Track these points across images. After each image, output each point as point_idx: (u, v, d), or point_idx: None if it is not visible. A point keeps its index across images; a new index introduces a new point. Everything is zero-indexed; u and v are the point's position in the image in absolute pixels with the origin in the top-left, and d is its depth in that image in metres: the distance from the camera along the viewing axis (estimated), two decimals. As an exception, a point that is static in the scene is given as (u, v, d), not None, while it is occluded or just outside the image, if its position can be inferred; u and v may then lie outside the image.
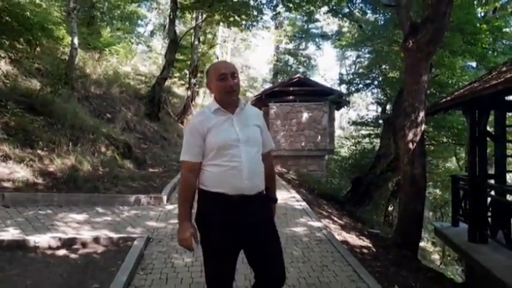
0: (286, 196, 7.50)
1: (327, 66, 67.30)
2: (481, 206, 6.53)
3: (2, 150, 6.04)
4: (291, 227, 5.51)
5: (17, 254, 3.85)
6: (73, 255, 4.00)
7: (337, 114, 31.17)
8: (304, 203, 6.88)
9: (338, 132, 29.76)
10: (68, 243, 4.19)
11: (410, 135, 7.18)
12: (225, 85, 2.12)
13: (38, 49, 11.10)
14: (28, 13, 8.73)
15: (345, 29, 25.27)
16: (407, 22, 7.17)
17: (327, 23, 28.92)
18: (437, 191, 19.09)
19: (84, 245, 4.26)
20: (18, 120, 6.91)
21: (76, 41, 11.62)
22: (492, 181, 7.27)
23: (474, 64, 13.34)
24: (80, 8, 13.66)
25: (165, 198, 6.67)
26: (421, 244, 18.99)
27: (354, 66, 25.04)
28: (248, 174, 2.10)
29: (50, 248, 4.07)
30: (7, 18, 8.54)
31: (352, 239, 6.24)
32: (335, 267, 4.05)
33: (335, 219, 7.41)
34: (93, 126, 9.18)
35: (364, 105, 30.96)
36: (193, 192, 2.17)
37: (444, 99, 7.28)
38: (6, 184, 5.59)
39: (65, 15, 13.13)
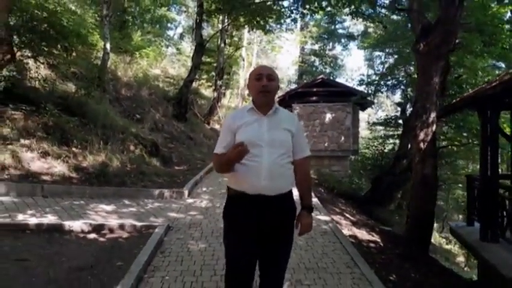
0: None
1: (355, 66, 66.77)
2: (492, 205, 6.66)
3: (42, 148, 6.73)
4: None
5: (54, 236, 4.45)
6: (101, 239, 4.57)
7: (364, 114, 31.05)
8: (315, 200, 7.22)
9: (366, 133, 29.53)
10: (97, 229, 4.77)
11: (421, 135, 7.39)
12: (259, 84, 2.22)
13: (73, 54, 11.92)
14: (65, 21, 9.48)
15: (370, 29, 25.24)
16: (419, 25, 7.39)
17: (354, 23, 28.86)
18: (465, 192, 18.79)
19: (111, 230, 4.83)
20: (55, 120, 7.61)
21: (108, 46, 12.40)
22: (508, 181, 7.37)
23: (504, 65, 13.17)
24: (112, 14, 14.46)
25: (186, 192, 7.21)
26: (447, 247, 18.81)
27: (381, 67, 25.02)
28: (267, 175, 2.14)
29: (82, 231, 4.66)
30: (46, 26, 9.32)
31: (361, 234, 6.54)
32: (334, 255, 4.41)
33: (347, 215, 7.72)
34: (123, 126, 9.85)
35: (393, 105, 30.67)
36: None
37: (454, 100, 7.44)
38: (45, 177, 6.26)
39: (99, 20, 13.98)
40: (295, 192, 2.33)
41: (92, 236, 4.61)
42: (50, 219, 4.89)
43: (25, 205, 5.35)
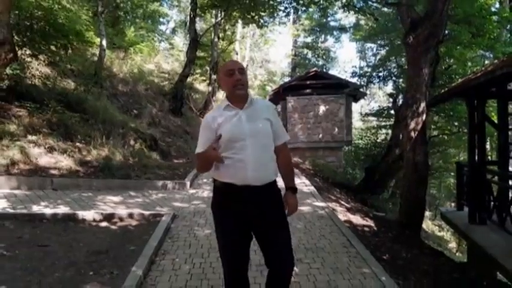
0: (296, 182, 8.09)
1: (347, 58, 67.08)
2: (479, 190, 7.02)
3: (48, 143, 6.99)
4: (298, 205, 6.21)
5: (69, 224, 4.74)
6: (113, 227, 4.86)
7: (357, 106, 31.39)
8: (312, 188, 7.58)
9: (359, 124, 29.91)
10: (108, 218, 5.06)
11: (412, 125, 7.72)
12: (233, 79, 2.25)
13: (69, 51, 12.10)
14: (61, 19, 9.66)
15: (362, 22, 25.50)
16: (408, 19, 7.69)
17: (346, 15, 29.08)
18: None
19: (121, 219, 5.12)
20: (59, 116, 7.85)
21: (104, 42, 12.58)
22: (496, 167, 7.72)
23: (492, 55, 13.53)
24: (106, 10, 14.59)
25: (188, 183, 7.50)
26: (440, 234, 19.31)
27: (373, 58, 25.32)
28: (254, 166, 2.20)
29: (94, 220, 4.96)
30: (44, 25, 9.51)
31: (356, 219, 6.89)
32: (331, 237, 4.75)
33: (342, 202, 8.07)
34: (122, 121, 10.10)
35: (385, 96, 31.05)
36: None
37: (443, 91, 7.77)
38: (53, 171, 6.53)
39: (92, 16, 14.09)
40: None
41: (104, 224, 4.91)
42: (63, 209, 5.18)
43: (37, 197, 5.64)
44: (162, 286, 3.42)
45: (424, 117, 7.75)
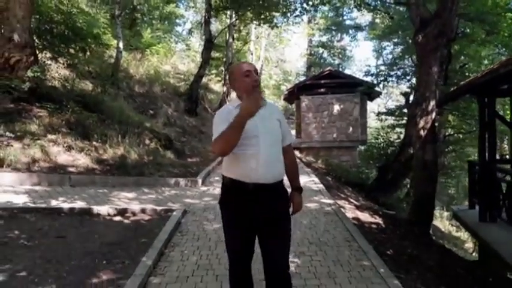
0: (306, 180, 8.35)
1: (364, 57, 66.48)
2: (489, 188, 7.02)
3: (66, 142, 7.32)
4: (305, 202, 6.26)
5: (85, 218, 5.01)
6: (126, 221, 5.11)
7: (374, 105, 31.14)
8: (321, 185, 7.70)
9: (377, 123, 29.70)
10: (122, 212, 5.31)
11: (421, 123, 7.75)
12: (251, 80, 2.29)
13: (87, 54, 12.52)
14: (80, 23, 10.06)
15: (378, 20, 25.36)
16: (417, 18, 7.73)
17: (361, 13, 28.94)
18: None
19: (134, 214, 5.37)
20: (77, 117, 8.19)
21: (121, 44, 12.96)
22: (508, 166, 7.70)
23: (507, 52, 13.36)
24: (122, 12, 15.01)
25: (200, 181, 7.73)
26: (457, 234, 19.07)
27: (390, 57, 25.13)
28: (264, 163, 2.23)
29: (108, 215, 5.22)
30: (64, 29, 9.91)
31: (364, 216, 6.97)
32: (335, 232, 4.88)
33: (351, 200, 8.16)
34: (138, 121, 10.41)
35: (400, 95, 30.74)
36: None
37: (452, 89, 7.78)
38: (71, 169, 6.85)
39: (109, 19, 14.52)
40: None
41: (118, 218, 5.16)
42: (79, 204, 5.46)
43: (56, 193, 5.95)
44: (170, 275, 3.63)
45: (433, 115, 7.77)
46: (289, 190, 2.52)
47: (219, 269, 3.74)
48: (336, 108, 18.92)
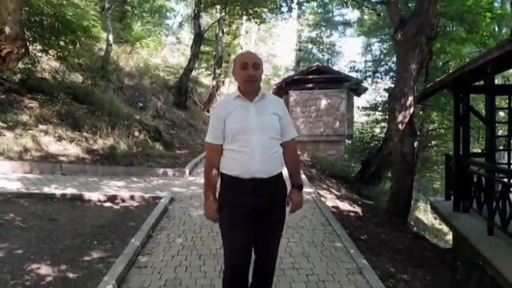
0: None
1: (353, 53, 66.96)
2: (462, 179, 7.41)
3: (57, 132, 7.55)
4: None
5: (76, 203, 5.28)
6: (115, 207, 5.39)
7: (362, 100, 31.55)
8: (303, 176, 8.02)
9: (365, 118, 30.14)
10: (111, 199, 5.60)
11: (400, 117, 8.11)
12: (245, 74, 2.26)
13: (77, 46, 12.61)
14: (70, 15, 10.15)
15: (366, 17, 25.73)
16: (397, 17, 8.06)
17: (350, 10, 29.27)
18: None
19: (123, 200, 5.66)
20: (67, 108, 8.39)
21: (111, 37, 13.09)
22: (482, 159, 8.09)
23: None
24: (113, 6, 15.09)
25: (187, 171, 8.01)
26: (439, 227, 19.64)
27: (377, 53, 25.53)
28: (260, 159, 2.23)
29: (99, 200, 5.50)
30: (54, 21, 10.01)
31: (344, 205, 7.34)
32: (312, 217, 5.23)
33: (333, 190, 8.53)
34: (127, 113, 10.62)
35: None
36: (215, 170, 2.38)
37: (429, 85, 8.15)
38: (62, 158, 7.09)
39: (99, 11, 14.57)
40: (284, 171, 2.47)
41: (108, 204, 5.45)
42: (71, 191, 5.72)
43: (48, 181, 6.20)
44: (157, 255, 3.93)
45: (411, 110, 8.13)
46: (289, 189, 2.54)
47: (202, 249, 4.06)
48: (323, 103, 19.31)
